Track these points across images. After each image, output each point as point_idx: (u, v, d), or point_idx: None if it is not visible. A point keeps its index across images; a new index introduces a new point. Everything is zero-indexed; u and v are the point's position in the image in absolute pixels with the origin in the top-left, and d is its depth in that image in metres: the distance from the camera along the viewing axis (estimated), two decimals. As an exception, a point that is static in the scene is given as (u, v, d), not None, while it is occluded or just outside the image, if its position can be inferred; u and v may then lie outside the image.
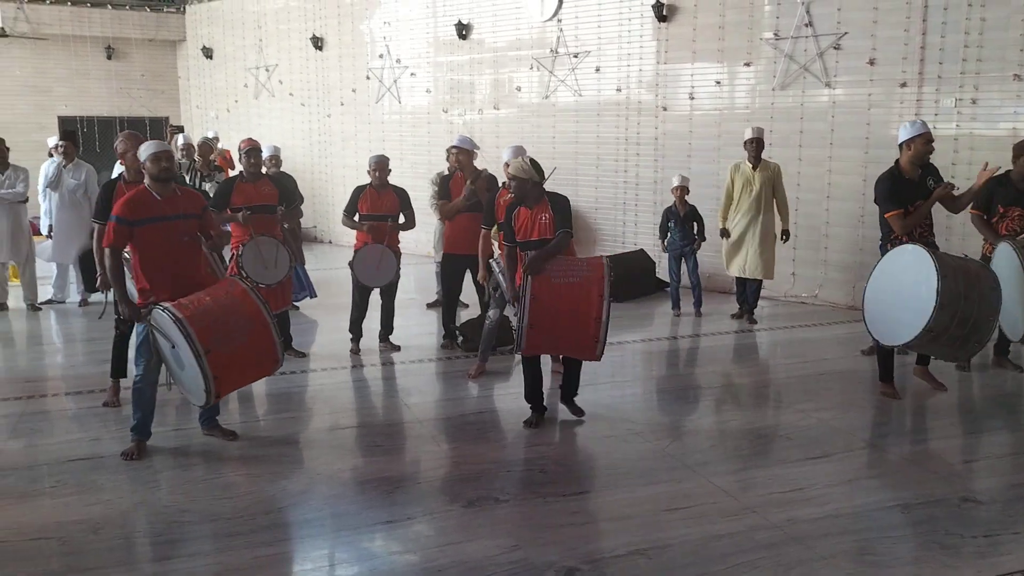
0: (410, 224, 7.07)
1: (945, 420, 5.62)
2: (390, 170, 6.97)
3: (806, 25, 8.62)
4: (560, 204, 5.28)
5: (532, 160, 5.78)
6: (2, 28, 14.33)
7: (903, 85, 8.10)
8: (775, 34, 8.85)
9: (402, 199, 6.93)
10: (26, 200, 8.56)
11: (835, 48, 8.48)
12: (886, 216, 5.66)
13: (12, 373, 6.70)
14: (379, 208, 6.87)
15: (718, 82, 9.35)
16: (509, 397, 5.59)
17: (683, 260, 8.39)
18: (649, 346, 7.58)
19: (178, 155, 9.20)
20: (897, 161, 5.79)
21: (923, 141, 5.64)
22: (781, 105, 8.92)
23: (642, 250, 9.82)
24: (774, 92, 8.94)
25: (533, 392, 5.37)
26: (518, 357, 6.76)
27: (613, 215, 10.44)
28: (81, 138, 11.69)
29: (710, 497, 4.26)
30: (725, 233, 8.03)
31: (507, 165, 6.15)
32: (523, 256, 5.21)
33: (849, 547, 3.77)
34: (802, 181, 8.69)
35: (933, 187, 5.69)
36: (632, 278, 9.27)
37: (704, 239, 8.33)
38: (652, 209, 9.99)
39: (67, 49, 15.52)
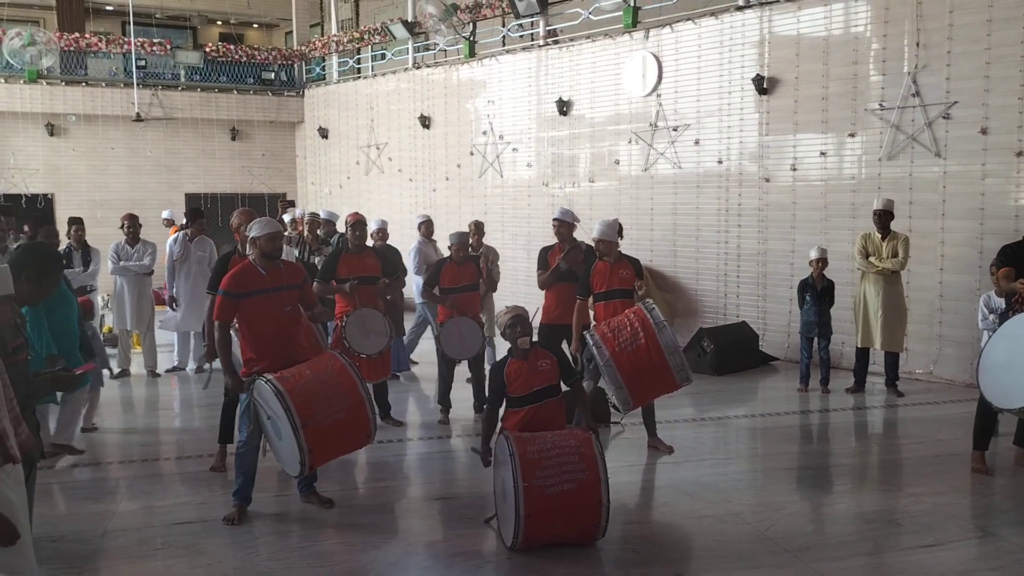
0: (491, 287, 7.17)
1: (1075, 509, 5.21)
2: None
3: (913, 95, 8.42)
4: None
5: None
6: (138, 113, 15.54)
7: (1019, 154, 7.77)
8: (880, 104, 8.68)
9: (479, 265, 7.03)
10: (151, 273, 9.14)
11: (944, 117, 8.24)
12: (998, 273, 5.46)
13: (130, 436, 7.05)
14: (460, 280, 7.00)
15: (823, 153, 9.20)
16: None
17: (815, 339, 8.04)
18: (753, 422, 7.36)
19: (302, 228, 9.59)
20: None
21: None
22: (889, 176, 8.69)
23: (744, 322, 9.63)
24: (881, 163, 8.73)
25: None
26: (610, 429, 6.69)
27: (715, 287, 10.29)
28: (206, 213, 12.38)
29: (811, 584, 4.07)
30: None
31: (597, 242, 6.22)
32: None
33: (964, 646, 3.52)
34: (913, 252, 8.38)
35: None
36: (734, 351, 9.07)
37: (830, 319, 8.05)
38: (755, 280, 9.82)
39: (195, 131, 16.69)
